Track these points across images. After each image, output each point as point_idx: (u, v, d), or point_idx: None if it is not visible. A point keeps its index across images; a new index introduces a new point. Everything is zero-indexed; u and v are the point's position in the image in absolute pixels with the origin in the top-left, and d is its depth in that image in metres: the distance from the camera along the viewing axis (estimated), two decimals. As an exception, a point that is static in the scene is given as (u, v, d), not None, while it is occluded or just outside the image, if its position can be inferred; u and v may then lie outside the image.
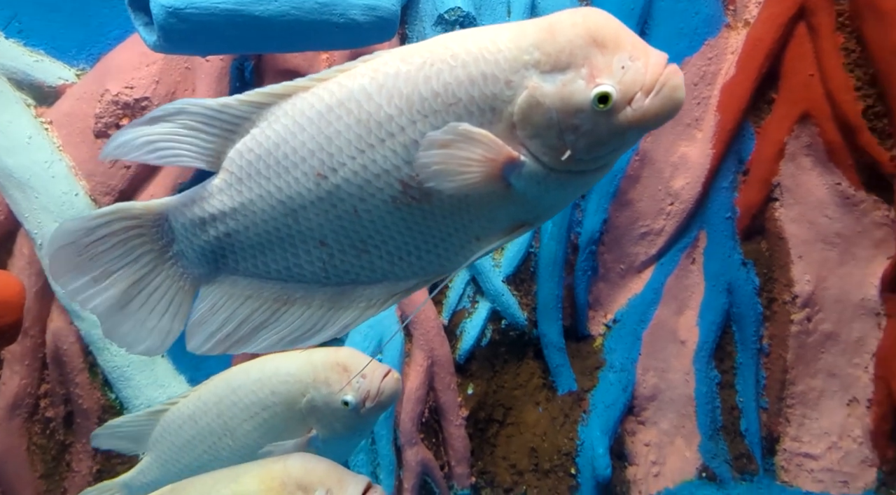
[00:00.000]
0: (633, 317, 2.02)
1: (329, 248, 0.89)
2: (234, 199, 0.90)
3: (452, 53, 0.83)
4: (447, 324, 1.93)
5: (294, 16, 1.42)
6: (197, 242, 0.92)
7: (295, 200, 0.88)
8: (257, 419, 1.34)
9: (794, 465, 2.04)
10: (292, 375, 1.33)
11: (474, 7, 1.77)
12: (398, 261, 0.89)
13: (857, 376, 1.98)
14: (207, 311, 0.93)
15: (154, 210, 0.93)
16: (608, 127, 0.80)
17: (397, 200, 0.85)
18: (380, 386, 1.32)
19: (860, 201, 1.90)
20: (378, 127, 0.85)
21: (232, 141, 0.90)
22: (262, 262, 0.92)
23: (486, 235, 0.86)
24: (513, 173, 0.82)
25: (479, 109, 0.82)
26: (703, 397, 2.02)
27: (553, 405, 2.02)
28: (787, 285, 1.98)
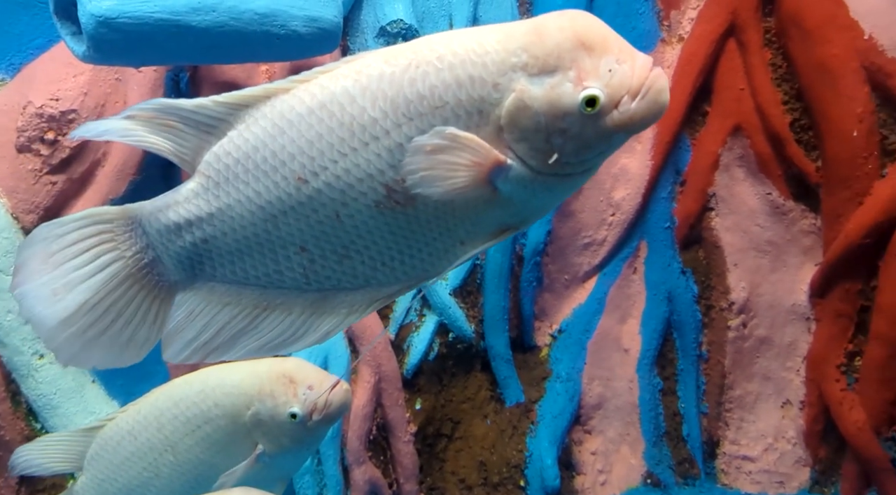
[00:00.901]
0: (577, 327, 2.04)
1: (310, 254, 0.87)
2: (210, 204, 0.86)
3: (438, 55, 0.82)
4: (394, 338, 1.90)
5: (233, 27, 1.38)
6: (172, 248, 0.88)
7: (274, 205, 0.85)
8: (200, 433, 1.28)
9: (734, 468, 2.10)
10: (236, 387, 1.28)
11: (416, 20, 1.77)
12: (380, 267, 0.87)
13: (790, 379, 2.06)
14: (184, 319, 0.90)
15: (127, 215, 0.88)
16: (595, 130, 0.80)
17: (381, 205, 0.83)
18: (328, 397, 1.27)
19: (789, 210, 1.99)
20: (362, 130, 0.83)
21: (208, 143, 0.87)
22: (240, 268, 0.89)
23: (471, 239, 0.85)
24: (500, 177, 0.81)
25: (465, 112, 0.81)
26: (647, 404, 2.06)
27: (501, 417, 2.01)
28: (723, 292, 2.05)
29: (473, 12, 1.83)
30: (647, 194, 2.02)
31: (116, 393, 1.67)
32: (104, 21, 1.26)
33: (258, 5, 1.39)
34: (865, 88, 1.82)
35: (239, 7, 1.37)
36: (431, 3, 1.81)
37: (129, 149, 1.65)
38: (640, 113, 0.80)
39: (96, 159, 1.67)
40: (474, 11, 1.83)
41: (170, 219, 0.88)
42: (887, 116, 1.83)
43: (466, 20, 1.83)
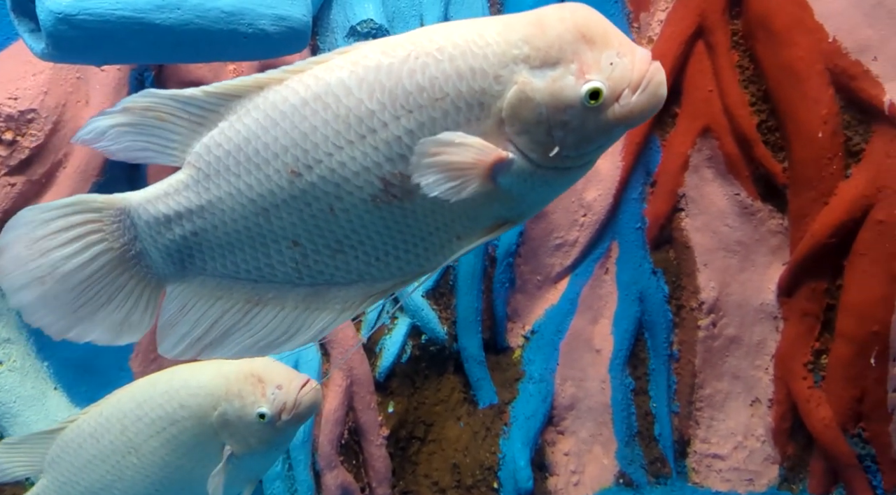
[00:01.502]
0: (550, 328, 2.04)
1: (302, 248, 0.85)
2: (200, 197, 0.85)
3: (438, 46, 0.81)
4: (366, 341, 1.88)
5: (198, 25, 1.35)
6: (162, 241, 0.87)
7: (267, 198, 0.84)
8: (165, 435, 1.25)
9: (704, 466, 2.12)
10: (203, 387, 1.26)
11: (387, 20, 1.76)
12: (375, 262, 0.85)
13: (759, 377, 2.08)
14: (177, 313, 0.88)
15: (115, 205, 0.87)
16: (596, 123, 0.80)
17: (377, 199, 0.82)
18: (297, 397, 1.25)
19: (757, 210, 2.01)
20: (358, 122, 0.81)
21: (198, 134, 0.85)
22: (231, 262, 0.87)
23: (468, 234, 0.84)
24: (500, 171, 0.81)
25: (466, 105, 0.80)
26: (619, 404, 2.06)
27: (474, 419, 2.01)
28: (693, 292, 2.06)
29: (444, 12, 1.82)
30: (618, 195, 2.03)
31: (80, 401, 1.63)
32: (63, 18, 1.23)
33: (225, 3, 1.37)
34: (830, 90, 1.85)
35: (205, 5, 1.35)
36: (402, 3, 1.80)
37: (91, 149, 1.61)
38: (641, 106, 0.80)
39: (57, 160, 1.63)
40: (445, 11, 1.83)
41: (159, 211, 0.86)
42: (851, 118, 1.86)
43: (437, 20, 1.82)
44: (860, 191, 1.83)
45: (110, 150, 0.86)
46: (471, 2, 1.85)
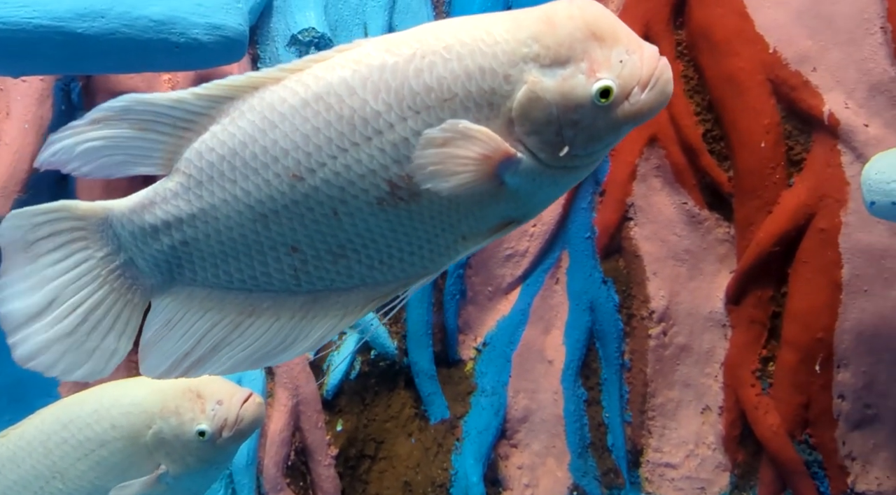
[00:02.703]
0: (502, 339, 2.03)
1: (302, 254, 0.81)
2: (192, 205, 0.80)
3: (445, 45, 0.78)
4: (313, 358, 1.83)
5: (125, 34, 1.30)
6: (149, 252, 0.82)
7: (265, 204, 0.80)
8: (93, 457, 1.19)
9: (657, 476, 2.12)
10: (136, 405, 1.21)
11: (329, 28, 1.72)
12: (378, 266, 0.82)
13: (709, 385, 2.10)
14: (162, 327, 0.83)
15: (98, 213, 0.82)
16: (606, 121, 0.78)
17: (383, 202, 0.79)
18: (239, 412, 1.20)
19: (704, 219, 2.03)
20: (363, 124, 0.78)
21: (187, 140, 0.80)
22: (224, 272, 0.82)
23: (473, 234, 0.82)
24: (508, 171, 0.79)
25: (475, 105, 0.78)
26: (572, 415, 2.05)
27: (426, 435, 1.97)
28: (644, 301, 2.07)
29: (388, 21, 1.80)
30: (567, 205, 2.03)
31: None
32: (-26, 26, 1.16)
33: (154, 12, 1.32)
34: (771, 100, 1.88)
35: (131, 13, 1.29)
36: (345, 12, 1.77)
37: (13, 164, 1.53)
38: (650, 103, 0.79)
39: (-23, 175, 1.54)
40: (389, 20, 1.80)
41: (145, 221, 0.82)
42: (792, 128, 1.90)
43: (381, 29, 1.80)
44: (802, 199, 1.87)
45: (82, 172, 0.80)
46: (415, 10, 1.83)
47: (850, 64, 1.82)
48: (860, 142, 1.81)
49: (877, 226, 1.80)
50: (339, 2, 1.75)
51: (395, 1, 1.81)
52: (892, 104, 1.81)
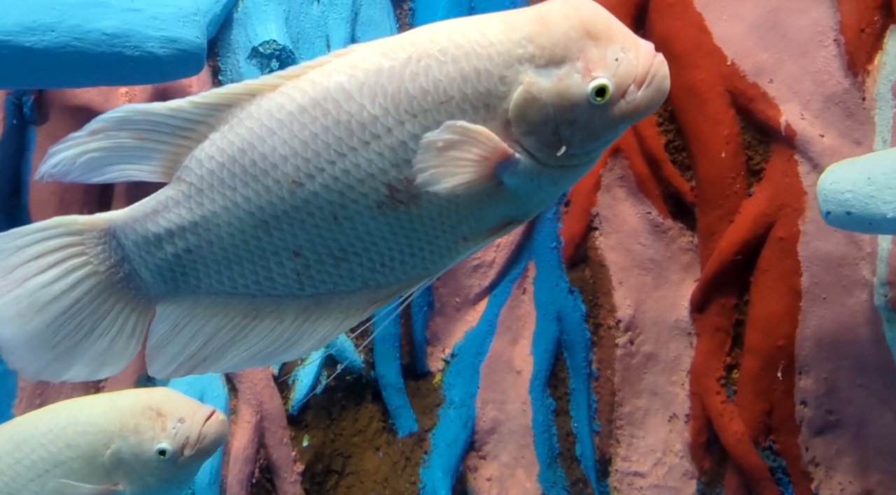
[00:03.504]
0: (470, 351, 2.03)
1: (304, 259, 0.82)
2: (193, 212, 0.81)
3: (440, 48, 0.79)
4: (277, 374, 1.81)
5: (76, 48, 1.28)
6: (152, 261, 0.83)
7: (266, 211, 0.81)
8: (47, 477, 1.16)
9: (626, 485, 2.13)
10: (93, 424, 1.18)
11: (291, 40, 1.72)
12: (380, 268, 0.83)
13: (676, 393, 2.11)
14: (168, 332, 0.84)
15: (99, 225, 0.83)
16: (603, 120, 0.79)
17: (383, 205, 0.80)
18: (201, 430, 1.18)
19: (668, 229, 2.05)
20: (361, 128, 0.79)
21: (187, 148, 0.81)
22: (227, 278, 0.83)
23: (474, 235, 0.83)
24: (506, 171, 0.79)
25: (472, 107, 0.78)
26: (540, 426, 2.06)
27: (393, 449, 1.96)
28: (610, 310, 2.08)
29: (351, 33, 1.80)
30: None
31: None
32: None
33: (107, 25, 1.30)
34: (731, 112, 1.91)
35: (83, 27, 1.28)
36: (306, 24, 1.76)
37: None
38: (646, 101, 0.80)
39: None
40: (352, 32, 1.80)
41: (148, 230, 0.83)
42: (751, 138, 1.93)
43: (343, 41, 1.80)
44: (762, 209, 1.90)
45: (82, 179, 0.82)
46: (378, 22, 1.83)
47: (805, 76, 1.86)
48: (816, 152, 1.85)
49: (834, 234, 1.84)
50: (301, 14, 1.75)
51: (357, 13, 1.81)
52: (846, 115, 1.86)
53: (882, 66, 1.82)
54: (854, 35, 1.81)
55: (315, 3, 1.76)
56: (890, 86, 1.80)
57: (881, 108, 1.82)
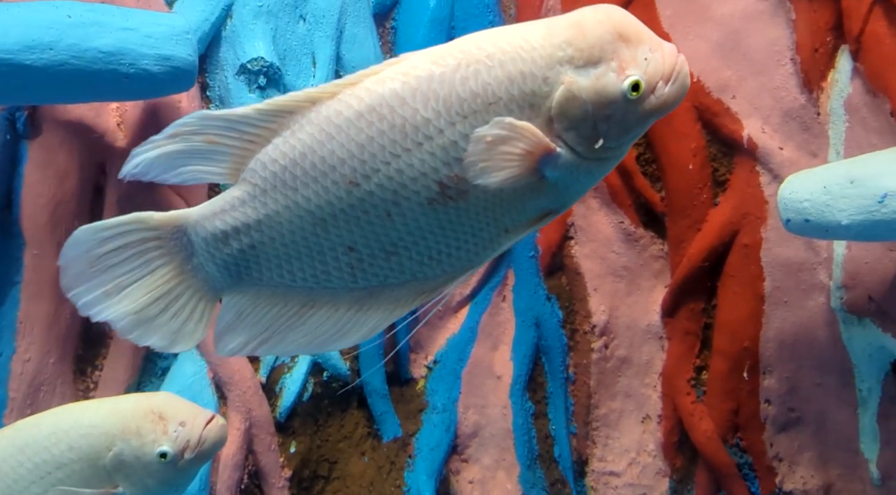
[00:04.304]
0: (452, 357, 2.08)
1: (358, 254, 0.88)
2: (258, 211, 0.88)
3: (488, 54, 0.86)
4: (265, 381, 1.84)
5: (74, 65, 1.32)
6: (219, 256, 0.90)
7: (324, 209, 0.87)
8: (48, 480, 1.18)
9: (602, 484, 2.20)
10: (96, 427, 1.21)
11: (278, 58, 1.76)
12: (427, 261, 0.89)
13: (648, 395, 2.20)
14: (234, 319, 0.92)
15: (172, 222, 0.90)
16: (635, 114, 0.87)
17: (434, 202, 0.86)
18: (202, 433, 1.21)
19: (640, 237, 2.14)
20: (414, 131, 0.85)
21: (252, 151, 0.88)
22: (287, 272, 0.90)
23: (515, 227, 0.89)
24: (548, 165, 0.86)
25: (518, 107, 0.85)
26: (520, 429, 2.12)
27: (379, 453, 2.00)
28: (586, 316, 2.16)
29: (336, 51, 1.85)
30: (511, 226, 2.11)
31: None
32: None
33: (103, 43, 1.34)
34: (697, 126, 2.02)
35: (80, 45, 1.31)
36: (293, 42, 1.81)
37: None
38: (673, 95, 0.88)
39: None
40: (337, 50, 1.85)
41: (216, 228, 0.90)
42: (716, 151, 2.04)
43: (329, 58, 1.84)
44: (727, 217, 2.00)
45: (160, 179, 0.89)
46: (361, 40, 1.88)
47: (764, 92, 1.97)
48: (776, 163, 1.96)
49: (794, 241, 1.94)
50: (287, 32, 1.79)
51: (341, 31, 1.86)
52: (802, 129, 1.97)
53: (835, 83, 1.93)
54: (809, 54, 1.92)
55: (301, 21, 1.80)
56: (842, 102, 1.91)
57: (835, 123, 1.93)
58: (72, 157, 1.56)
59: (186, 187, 1.70)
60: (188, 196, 1.70)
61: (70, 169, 1.56)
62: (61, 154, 1.55)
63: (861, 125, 1.87)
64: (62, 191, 1.56)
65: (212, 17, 1.69)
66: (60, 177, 1.55)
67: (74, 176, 1.57)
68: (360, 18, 1.87)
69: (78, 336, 1.66)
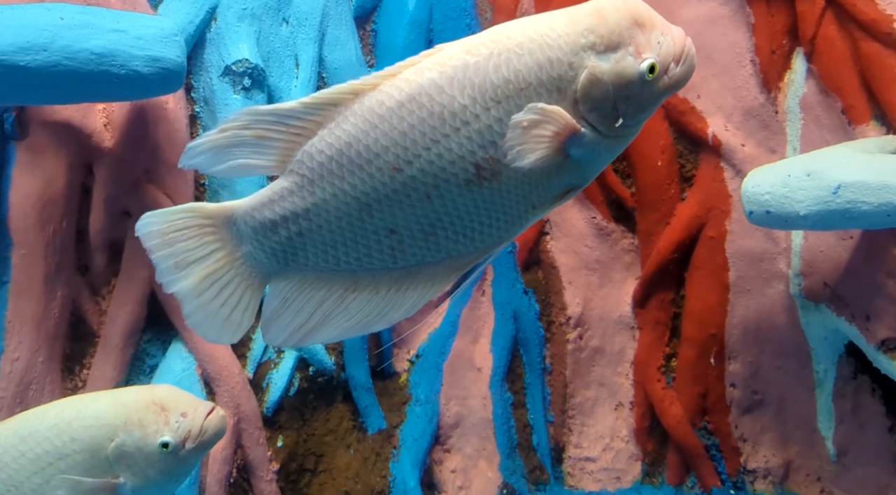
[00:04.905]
0: (433, 350, 2.13)
1: (399, 236, 0.93)
2: (306, 200, 0.92)
3: (517, 42, 0.92)
4: (252, 377, 1.86)
5: (67, 67, 1.33)
6: (268, 244, 0.94)
7: (370, 195, 0.92)
8: (51, 470, 1.19)
9: (578, 470, 2.28)
10: (98, 418, 1.22)
11: (262, 59, 1.78)
12: (462, 239, 0.94)
13: (621, 383, 2.28)
14: (280, 305, 0.96)
15: (225, 213, 0.94)
16: (651, 93, 0.94)
17: (470, 183, 0.91)
18: (203, 424, 1.24)
19: (612, 232, 2.23)
20: (452, 117, 0.90)
21: (298, 144, 0.92)
22: (332, 256, 0.94)
23: (542, 203, 0.95)
24: (573, 144, 0.92)
25: (546, 91, 0.91)
26: (500, 418, 2.18)
27: (364, 445, 2.04)
28: (561, 308, 2.23)
29: (318, 53, 1.88)
30: (489, 222, 2.17)
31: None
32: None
33: (95, 45, 1.36)
34: (665, 124, 2.11)
35: (73, 47, 1.33)
36: (276, 44, 1.83)
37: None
38: (683, 74, 0.95)
39: None
40: (319, 51, 1.88)
41: (266, 217, 0.94)
42: (683, 148, 2.13)
43: (312, 60, 1.87)
44: (694, 211, 2.10)
45: (212, 171, 0.94)
46: (343, 42, 1.92)
47: (727, 92, 2.07)
48: (739, 159, 2.06)
49: (755, 232, 2.05)
50: (271, 34, 1.82)
51: (324, 34, 1.89)
52: (762, 126, 2.08)
53: (791, 83, 2.04)
54: (767, 56, 2.03)
55: (284, 24, 1.83)
56: (798, 100, 2.02)
57: (791, 120, 2.04)
58: (59, 158, 1.56)
59: (173, 186, 1.71)
60: (174, 195, 1.71)
61: (57, 170, 1.57)
62: (49, 155, 1.55)
63: (815, 123, 1.98)
64: (50, 191, 1.56)
65: (196, 19, 1.71)
66: (48, 178, 1.56)
67: (62, 177, 1.57)
68: (342, 21, 1.91)
69: (66, 335, 1.66)
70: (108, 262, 1.70)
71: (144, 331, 1.76)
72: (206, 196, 1.81)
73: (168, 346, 1.77)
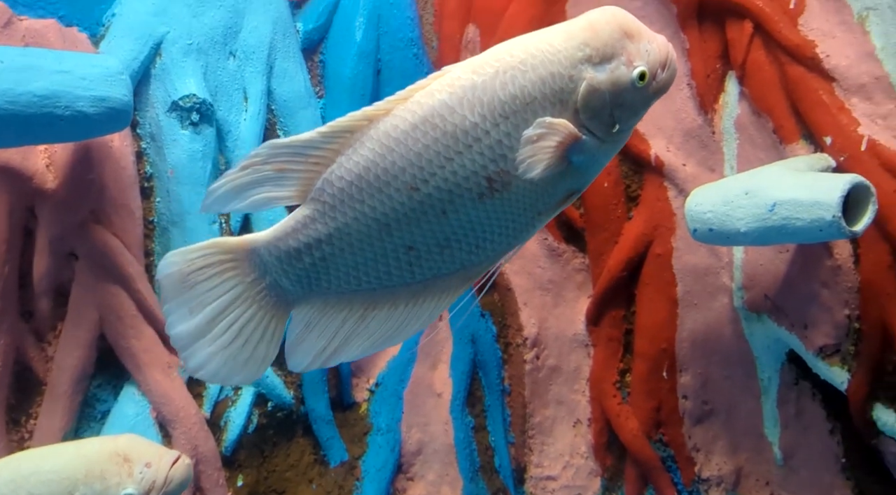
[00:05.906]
0: (393, 379, 2.12)
1: (416, 252, 0.96)
2: (328, 226, 0.95)
3: (520, 60, 0.97)
4: (209, 416, 1.82)
5: (8, 111, 1.30)
6: (293, 271, 0.96)
7: (389, 215, 0.95)
8: None
9: (540, 489, 2.30)
10: (57, 472, 1.19)
11: (210, 94, 1.77)
12: (475, 250, 0.97)
13: (578, 400, 2.32)
14: (303, 330, 0.98)
15: (246, 246, 0.96)
16: (641, 98, 1.00)
17: (483, 196, 0.96)
18: (168, 474, 1.21)
19: (563, 252, 2.27)
20: (464, 135, 0.95)
21: (318, 173, 0.95)
22: (353, 278, 0.96)
23: (546, 209, 1.00)
24: (574, 151, 0.97)
25: (550, 104, 0.97)
26: (462, 443, 2.19)
27: (326, 479, 2.01)
28: (518, 330, 2.26)
29: (267, 85, 1.87)
30: (443, 247, 2.19)
31: None
32: None
33: (37, 87, 1.32)
34: (609, 148, 2.17)
35: (14, 90, 1.30)
36: (223, 78, 1.82)
37: None
38: (668, 79, 1.03)
39: None
40: (268, 85, 1.87)
41: (290, 246, 0.96)
42: (627, 169, 2.20)
43: (260, 93, 1.87)
44: (641, 230, 2.16)
45: (238, 208, 0.96)
46: (292, 74, 1.92)
47: (667, 114, 2.15)
48: (681, 179, 2.14)
49: (700, 248, 2.12)
50: (218, 69, 1.80)
51: (272, 66, 1.89)
52: (701, 147, 2.16)
53: (725, 105, 2.13)
54: (702, 80, 2.12)
55: (231, 58, 1.82)
56: (733, 121, 2.11)
57: (727, 140, 2.13)
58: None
59: (121, 226, 1.67)
60: (122, 234, 1.67)
61: (-2, 214, 1.51)
62: (-12, 199, 1.49)
63: (749, 142, 2.07)
64: (-9, 236, 1.50)
65: (141, 55, 1.68)
66: (-12, 223, 1.50)
67: (3, 220, 1.51)
68: (290, 53, 1.91)
69: (9, 385, 1.59)
70: (53, 306, 1.64)
71: (94, 375, 1.70)
72: (154, 233, 1.77)
73: (119, 390, 1.72)
